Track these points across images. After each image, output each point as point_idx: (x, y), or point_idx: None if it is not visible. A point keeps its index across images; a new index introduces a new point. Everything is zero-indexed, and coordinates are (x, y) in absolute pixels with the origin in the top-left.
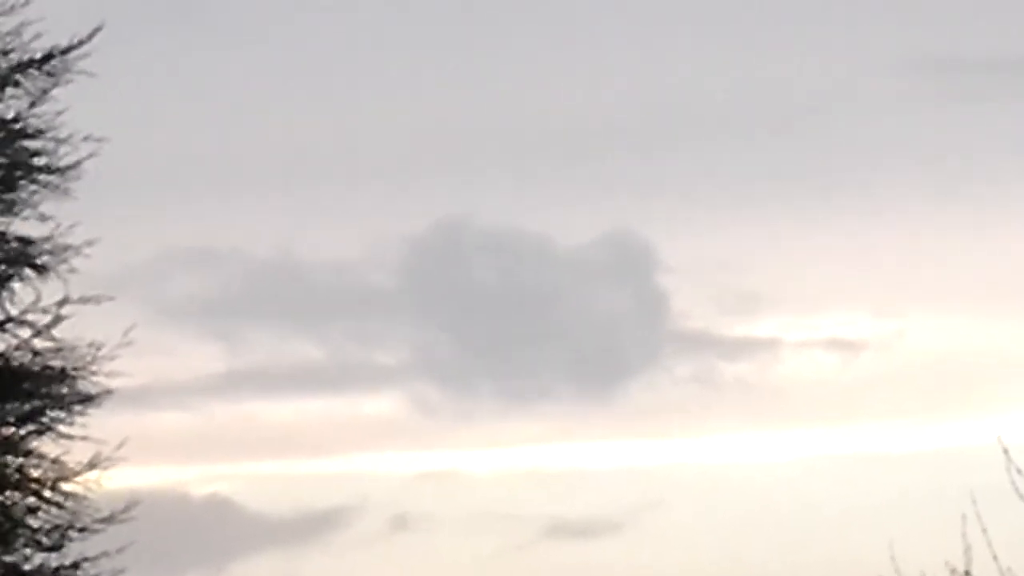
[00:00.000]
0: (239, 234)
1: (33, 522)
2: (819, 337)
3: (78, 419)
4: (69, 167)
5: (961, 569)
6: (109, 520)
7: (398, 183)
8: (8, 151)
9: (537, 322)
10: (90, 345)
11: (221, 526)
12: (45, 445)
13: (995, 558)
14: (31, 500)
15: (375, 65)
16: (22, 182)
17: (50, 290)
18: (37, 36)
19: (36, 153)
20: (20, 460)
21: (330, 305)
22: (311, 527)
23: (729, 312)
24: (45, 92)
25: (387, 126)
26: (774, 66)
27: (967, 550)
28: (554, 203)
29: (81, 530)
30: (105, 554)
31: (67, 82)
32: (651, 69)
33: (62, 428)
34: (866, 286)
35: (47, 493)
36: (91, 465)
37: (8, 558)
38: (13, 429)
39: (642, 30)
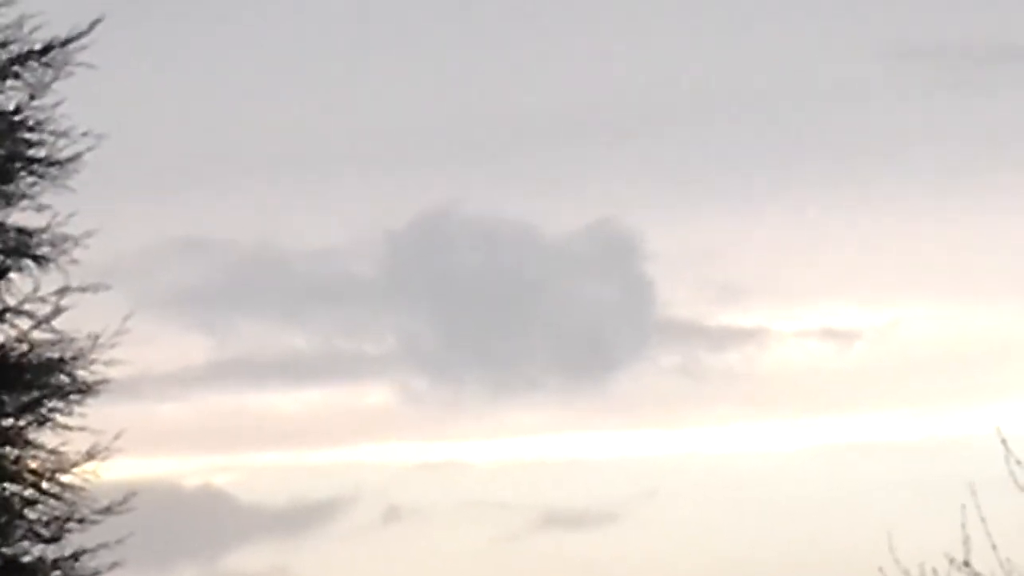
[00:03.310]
0: (227, 225)
1: (32, 514)
2: (810, 327)
3: (76, 409)
4: (68, 160)
5: (960, 559)
6: (107, 511)
7: (383, 173)
8: (7, 143)
9: (523, 312)
10: (88, 337)
11: (215, 517)
12: (43, 436)
13: (994, 548)
14: (30, 492)
15: (360, 58)
16: (21, 174)
17: (48, 281)
18: (37, 28)
19: (35, 145)
20: (18, 451)
21: (317, 296)
22: (304, 518)
23: (716, 302)
24: (45, 85)
25: (372, 117)
26: (761, 55)
27: (966, 540)
28: (539, 193)
29: (80, 521)
30: (104, 546)
31: (67, 75)
32: (636, 59)
33: (60, 419)
34: (856, 276)
35: (45, 484)
36: (89, 456)
37: (7, 550)
38: (12, 420)
39: (626, 19)
